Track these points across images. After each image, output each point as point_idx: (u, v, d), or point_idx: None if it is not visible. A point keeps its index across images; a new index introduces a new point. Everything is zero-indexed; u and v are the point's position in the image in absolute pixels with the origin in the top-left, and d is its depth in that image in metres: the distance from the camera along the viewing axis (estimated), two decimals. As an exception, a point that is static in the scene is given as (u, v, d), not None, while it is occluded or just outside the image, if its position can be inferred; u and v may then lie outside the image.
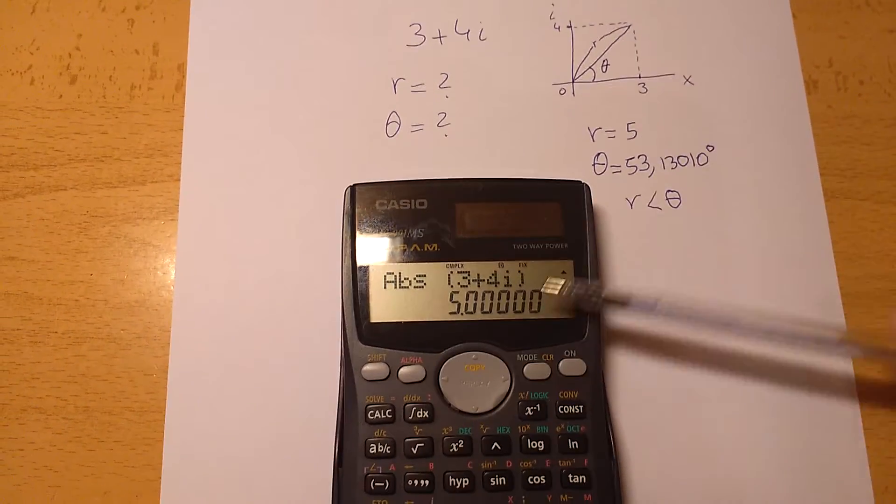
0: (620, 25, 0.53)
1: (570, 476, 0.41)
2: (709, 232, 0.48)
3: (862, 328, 0.45)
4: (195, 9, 0.53)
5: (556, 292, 0.43)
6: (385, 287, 0.43)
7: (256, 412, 0.44)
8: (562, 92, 0.51)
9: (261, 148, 0.49)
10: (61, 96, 0.51)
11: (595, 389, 0.42)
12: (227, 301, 0.46)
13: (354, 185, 0.45)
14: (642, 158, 0.50)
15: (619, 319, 0.46)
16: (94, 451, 0.44)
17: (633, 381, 0.45)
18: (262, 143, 0.49)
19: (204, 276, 0.47)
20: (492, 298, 0.43)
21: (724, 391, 0.45)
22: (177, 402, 0.45)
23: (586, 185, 0.45)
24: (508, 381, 0.42)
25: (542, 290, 0.43)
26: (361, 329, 0.42)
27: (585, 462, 0.41)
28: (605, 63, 0.52)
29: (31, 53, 0.52)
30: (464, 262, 0.43)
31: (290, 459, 0.44)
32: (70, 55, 0.52)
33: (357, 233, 0.44)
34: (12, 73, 0.51)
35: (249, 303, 0.46)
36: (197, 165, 0.49)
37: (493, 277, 0.43)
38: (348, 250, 0.44)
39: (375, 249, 0.43)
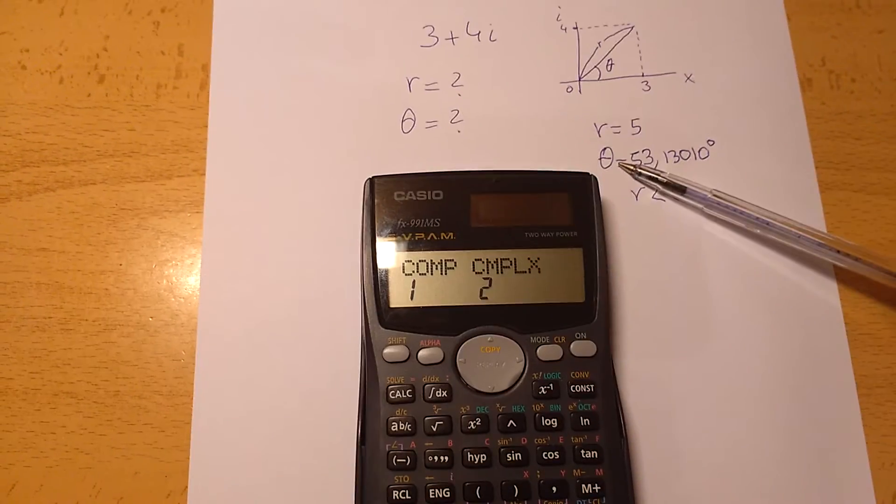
0: (624, 27, 0.54)
1: (582, 452, 0.41)
2: (711, 222, 0.49)
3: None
4: (218, 11, 0.53)
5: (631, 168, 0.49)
6: (403, 274, 0.43)
7: (281, 394, 0.45)
8: (569, 90, 0.52)
9: (282, 144, 0.50)
10: (90, 95, 0.51)
11: (605, 369, 0.43)
12: (251, 289, 0.47)
13: (373, 177, 0.45)
14: (646, 153, 0.50)
15: (628, 301, 0.46)
16: (125, 433, 0.45)
17: (640, 363, 0.45)
18: (283, 140, 0.50)
19: (229, 266, 0.47)
20: (506, 284, 0.43)
21: (730, 371, 0.46)
22: (204, 386, 0.45)
23: (594, 176, 0.45)
24: (523, 362, 0.42)
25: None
26: (382, 314, 0.43)
27: (597, 438, 0.41)
28: (609, 62, 0.53)
29: (60, 54, 0.52)
30: (478, 250, 0.44)
31: (315, 439, 0.44)
32: (98, 56, 0.52)
33: (376, 223, 0.44)
34: (41, 73, 0.52)
35: (273, 290, 0.47)
36: (221, 160, 0.50)
37: (506, 264, 0.44)
38: (368, 239, 0.44)
39: (394, 238, 0.44)
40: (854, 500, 0.44)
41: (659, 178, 0.49)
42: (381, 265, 0.44)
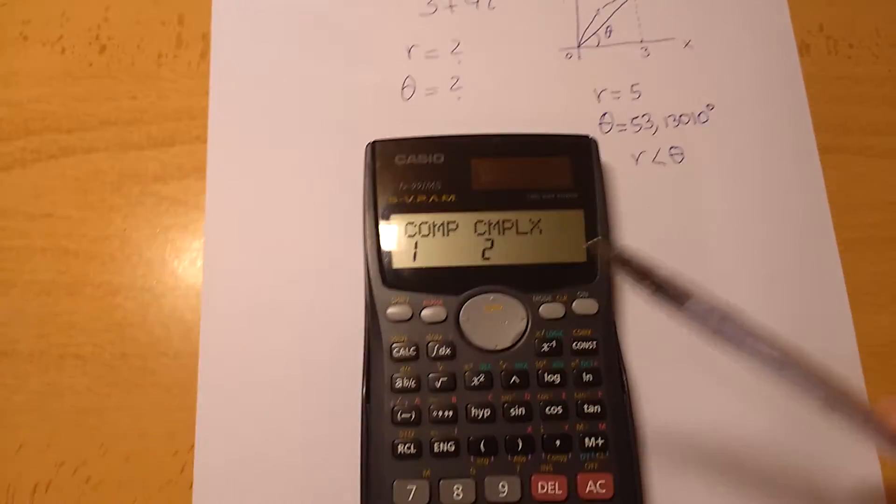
0: (622, -6, 0.53)
1: (585, 407, 0.41)
2: (710, 185, 0.49)
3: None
4: (218, -19, 0.53)
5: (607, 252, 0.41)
6: (406, 235, 0.43)
7: (286, 354, 0.45)
8: (568, 56, 0.52)
9: (283, 111, 0.50)
10: (91, 64, 0.51)
11: (607, 327, 0.43)
12: (255, 252, 0.47)
13: (375, 141, 0.45)
14: (646, 118, 0.50)
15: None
16: (131, 394, 0.44)
17: (641, 320, 0.45)
18: (283, 107, 0.50)
19: (232, 230, 0.47)
20: (507, 245, 0.43)
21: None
22: (210, 347, 0.45)
23: (594, 139, 0.45)
24: (525, 321, 0.42)
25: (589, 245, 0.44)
26: (385, 274, 0.43)
27: (599, 394, 0.41)
28: (608, 29, 0.53)
29: (61, 25, 0.52)
30: (480, 212, 0.44)
31: (320, 397, 0.44)
32: (99, 26, 0.52)
33: (378, 186, 0.44)
34: (43, 44, 0.52)
35: (276, 254, 0.47)
36: (223, 128, 0.50)
37: (507, 225, 0.44)
38: (370, 202, 0.44)
39: (395, 201, 0.44)
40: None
41: (654, 275, 0.34)
42: (383, 227, 0.44)
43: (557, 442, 0.40)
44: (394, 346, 0.42)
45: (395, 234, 0.43)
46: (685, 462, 0.43)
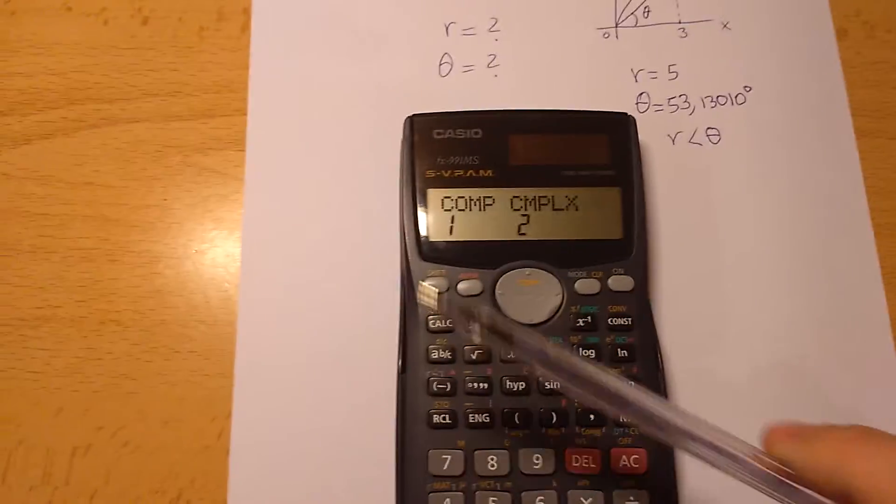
0: (661, -26, 0.53)
1: (620, 382, 0.40)
2: (746, 167, 0.49)
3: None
4: (259, -45, 0.53)
5: (432, 302, 0.38)
6: (442, 209, 0.43)
7: (322, 324, 0.45)
8: (605, 36, 0.52)
9: (322, 85, 0.50)
10: (134, 36, 0.51)
11: (641, 304, 0.43)
12: (292, 223, 0.47)
13: (413, 115, 0.45)
14: (683, 98, 0.50)
15: (663, 240, 0.46)
16: (170, 360, 0.45)
17: (676, 299, 0.45)
18: (323, 81, 0.50)
19: (270, 201, 0.47)
20: (543, 221, 0.43)
21: (762, 304, 0.45)
22: (248, 315, 0.45)
23: (632, 116, 0.45)
24: (561, 296, 0.42)
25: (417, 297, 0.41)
26: (421, 247, 0.43)
27: (634, 370, 0.41)
28: (646, 9, 0.52)
29: (105, -3, 0.52)
30: (517, 188, 0.44)
31: (356, 367, 0.44)
32: (141, -1, 0.52)
33: (416, 160, 0.44)
34: (87, 15, 0.52)
35: (313, 225, 0.47)
36: (262, 101, 0.50)
37: (544, 202, 0.43)
38: (408, 176, 0.44)
39: (433, 175, 0.44)
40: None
41: (478, 317, 0.33)
42: (420, 201, 0.44)
43: (591, 416, 0.40)
44: (430, 318, 0.41)
45: (431, 208, 0.43)
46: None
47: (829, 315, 0.45)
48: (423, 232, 0.43)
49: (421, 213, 0.43)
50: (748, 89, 0.50)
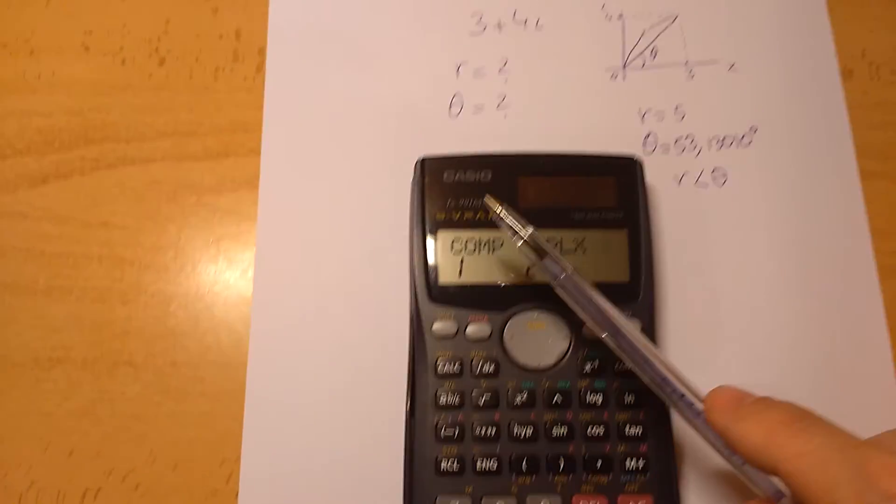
0: (668, 16, 0.53)
1: (626, 428, 0.41)
2: (752, 208, 0.49)
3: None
4: (274, -2, 0.53)
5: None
6: (452, 252, 0.43)
7: (332, 368, 0.45)
8: (613, 77, 0.52)
9: (335, 125, 0.50)
10: (151, 76, 0.52)
11: (649, 347, 0.42)
12: (304, 264, 0.47)
13: (424, 157, 0.45)
14: (690, 139, 0.50)
15: (671, 282, 0.46)
16: (181, 402, 0.45)
17: (683, 343, 0.45)
18: (335, 122, 0.50)
19: (282, 242, 0.47)
20: (552, 263, 0.43)
21: (772, 353, 0.45)
22: (258, 358, 0.45)
23: (640, 160, 0.45)
24: (568, 340, 0.42)
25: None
26: (431, 290, 0.43)
27: (641, 415, 0.41)
28: (654, 50, 0.52)
29: (123, 36, 0.53)
30: (525, 230, 0.43)
31: (365, 411, 0.44)
32: (159, 38, 0.52)
33: (426, 202, 0.44)
34: (104, 55, 0.52)
35: (325, 267, 0.47)
36: (276, 141, 0.50)
37: (553, 244, 0.43)
38: (418, 218, 0.44)
39: (443, 217, 0.44)
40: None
41: (519, 232, 0.40)
42: (430, 243, 0.44)
43: (599, 462, 0.40)
44: (438, 361, 0.42)
45: (441, 250, 0.43)
46: (724, 485, 0.43)
47: (834, 360, 0.45)
48: (432, 274, 0.43)
49: (430, 255, 0.43)
50: (754, 130, 0.50)
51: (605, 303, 0.39)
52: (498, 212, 0.41)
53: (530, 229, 0.40)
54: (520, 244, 0.40)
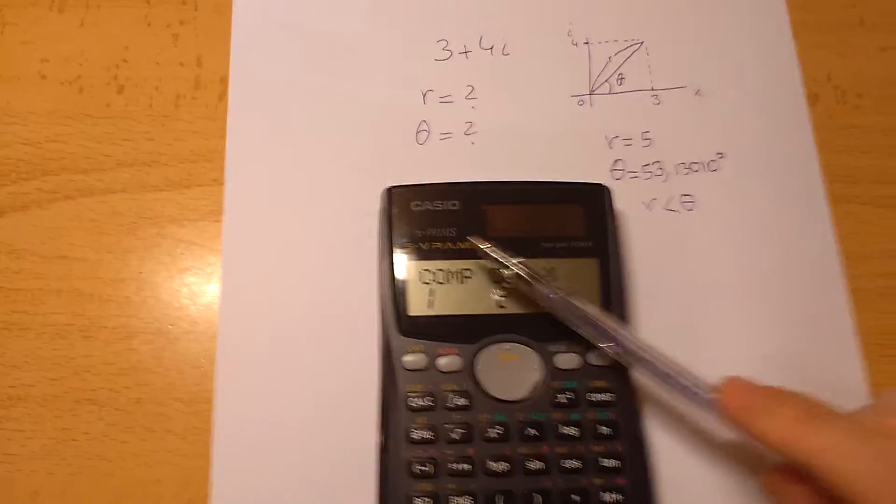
0: (634, 42, 0.53)
1: (603, 460, 0.40)
2: (721, 233, 0.48)
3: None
4: (237, 24, 0.52)
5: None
6: (421, 282, 0.42)
7: (301, 402, 0.44)
8: (580, 103, 0.51)
9: (300, 155, 0.49)
10: (109, 105, 0.50)
11: (623, 378, 0.42)
12: (270, 297, 0.46)
13: (391, 187, 0.44)
14: (657, 165, 0.49)
15: (642, 309, 0.45)
16: (146, 440, 0.43)
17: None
18: (300, 151, 0.49)
19: (248, 274, 0.46)
20: (522, 293, 0.42)
21: (740, 371, 0.44)
22: (225, 393, 0.44)
23: (608, 187, 0.44)
24: (541, 371, 0.41)
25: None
26: (400, 322, 0.42)
27: (619, 447, 0.40)
28: (620, 76, 0.52)
29: (80, 64, 0.51)
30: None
31: (336, 447, 0.43)
32: (117, 66, 0.51)
33: (394, 232, 0.43)
34: (61, 83, 0.51)
35: (292, 299, 0.46)
36: (240, 171, 0.49)
37: (522, 273, 0.42)
38: (386, 249, 0.43)
39: (411, 247, 0.43)
40: None
41: (507, 264, 0.41)
42: (399, 274, 0.43)
43: (576, 497, 0.39)
44: (409, 395, 0.41)
45: (410, 281, 0.42)
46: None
47: (807, 385, 0.44)
48: (402, 306, 0.42)
49: (400, 286, 0.42)
50: (721, 156, 0.50)
51: (602, 315, 0.40)
52: (486, 249, 0.41)
53: (518, 259, 0.41)
54: (510, 274, 0.41)
